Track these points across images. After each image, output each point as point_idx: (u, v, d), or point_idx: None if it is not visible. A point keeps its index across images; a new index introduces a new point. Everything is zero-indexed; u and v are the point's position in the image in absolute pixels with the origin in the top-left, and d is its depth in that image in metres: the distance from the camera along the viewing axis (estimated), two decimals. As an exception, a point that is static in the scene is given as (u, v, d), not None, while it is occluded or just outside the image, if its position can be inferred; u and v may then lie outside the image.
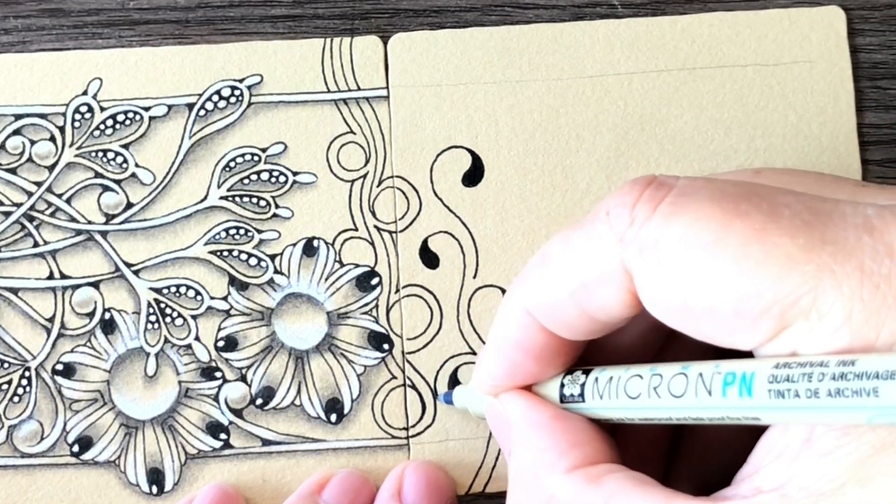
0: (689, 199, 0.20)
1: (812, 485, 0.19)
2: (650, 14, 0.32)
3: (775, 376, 0.19)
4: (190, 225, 0.31)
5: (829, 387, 0.18)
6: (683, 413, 0.21)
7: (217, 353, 0.31)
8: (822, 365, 0.18)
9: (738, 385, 0.20)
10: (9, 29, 0.32)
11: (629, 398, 0.22)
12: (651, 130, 0.32)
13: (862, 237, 0.19)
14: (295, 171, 0.32)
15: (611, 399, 0.23)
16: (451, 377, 0.31)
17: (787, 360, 0.19)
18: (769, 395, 0.19)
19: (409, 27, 0.32)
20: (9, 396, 0.31)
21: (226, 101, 0.32)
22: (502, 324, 0.25)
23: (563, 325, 0.24)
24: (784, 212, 0.20)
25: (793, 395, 0.18)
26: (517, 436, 0.24)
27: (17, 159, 0.32)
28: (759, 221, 0.19)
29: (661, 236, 0.20)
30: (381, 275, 0.31)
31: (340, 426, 0.31)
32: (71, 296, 0.31)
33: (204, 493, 0.30)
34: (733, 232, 0.19)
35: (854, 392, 0.17)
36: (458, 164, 0.32)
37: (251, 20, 0.32)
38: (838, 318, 0.18)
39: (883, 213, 0.19)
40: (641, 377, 0.22)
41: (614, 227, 0.22)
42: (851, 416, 0.18)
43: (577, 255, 0.23)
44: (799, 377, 0.18)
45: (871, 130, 0.32)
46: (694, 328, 0.21)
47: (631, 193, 0.22)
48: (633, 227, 0.21)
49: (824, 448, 0.19)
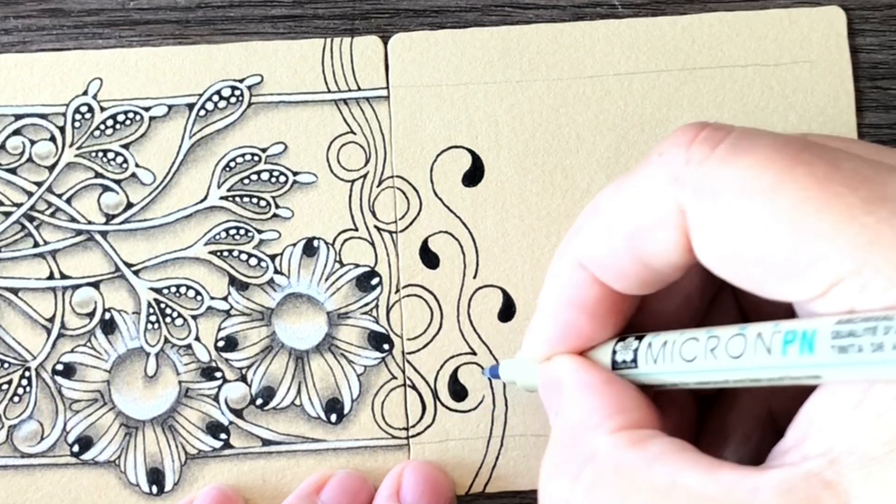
0: (750, 144, 0.20)
1: (862, 448, 0.18)
2: (650, 14, 0.32)
3: (838, 332, 0.18)
4: (190, 225, 0.31)
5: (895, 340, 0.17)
6: (741, 374, 0.21)
7: (217, 353, 0.31)
8: (887, 318, 0.18)
9: (798, 343, 0.19)
10: (9, 29, 0.32)
11: (685, 361, 0.22)
12: (651, 130, 0.32)
13: None
14: (295, 171, 0.32)
15: (665, 363, 0.23)
16: (451, 377, 0.31)
17: (850, 316, 0.18)
18: (832, 350, 0.18)
19: (409, 27, 0.32)
20: (9, 396, 0.31)
21: (226, 101, 0.32)
22: (554, 281, 0.24)
23: (618, 276, 0.23)
24: (846, 165, 0.19)
25: (856, 350, 0.18)
26: (566, 396, 0.24)
27: (18, 159, 0.32)
28: (822, 170, 0.19)
29: (718, 177, 0.20)
30: (381, 275, 0.31)
31: (340, 426, 0.31)
32: (71, 296, 0.31)
33: (204, 494, 0.30)
34: (794, 178, 0.19)
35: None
36: (458, 164, 0.32)
37: (251, 20, 0.32)
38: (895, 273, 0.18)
39: None
40: (697, 339, 0.22)
41: (669, 167, 0.21)
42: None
43: (631, 199, 0.22)
44: (862, 332, 0.18)
45: (871, 130, 0.32)
46: (743, 275, 0.20)
47: (686, 134, 0.21)
48: (689, 165, 0.21)
49: (875, 411, 0.18)
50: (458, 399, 0.31)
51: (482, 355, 0.31)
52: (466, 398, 0.31)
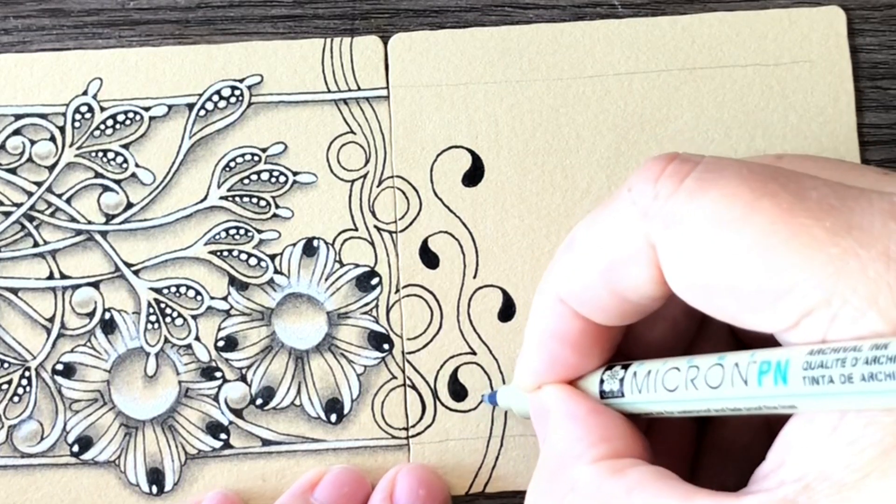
0: (716, 176, 0.20)
1: (835, 475, 0.18)
2: (650, 14, 0.32)
3: (809, 363, 0.19)
4: (190, 225, 0.31)
5: (863, 371, 0.18)
6: (721, 404, 0.21)
7: (217, 353, 0.31)
8: (855, 349, 0.18)
9: (773, 373, 0.19)
10: (9, 29, 0.32)
11: (667, 391, 0.22)
12: (651, 130, 0.32)
13: (888, 223, 0.19)
14: (295, 171, 0.32)
15: (649, 392, 0.23)
16: (451, 377, 0.31)
17: (821, 347, 0.19)
18: (804, 381, 0.19)
19: (409, 27, 0.32)
20: (9, 396, 0.31)
21: (226, 101, 0.32)
22: (538, 316, 0.25)
23: (597, 309, 0.23)
24: (811, 194, 0.19)
25: (827, 381, 0.18)
26: (552, 425, 0.24)
27: (17, 159, 0.32)
28: (787, 202, 0.19)
29: (686, 211, 0.20)
30: (381, 275, 0.31)
31: (340, 426, 0.31)
32: (71, 296, 0.31)
33: (208, 500, 0.30)
34: (760, 210, 0.19)
35: (887, 375, 0.17)
36: (458, 164, 0.32)
37: (251, 20, 0.32)
38: (865, 302, 0.18)
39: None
40: (679, 369, 0.22)
41: (638, 202, 0.21)
42: (886, 399, 0.18)
43: (603, 234, 0.22)
44: (833, 363, 0.18)
45: (871, 130, 0.32)
46: (716, 306, 0.21)
47: (654, 168, 0.21)
48: (657, 200, 0.21)
49: (849, 438, 0.18)
50: (458, 399, 0.31)
51: (482, 355, 0.31)
52: (466, 398, 0.31)
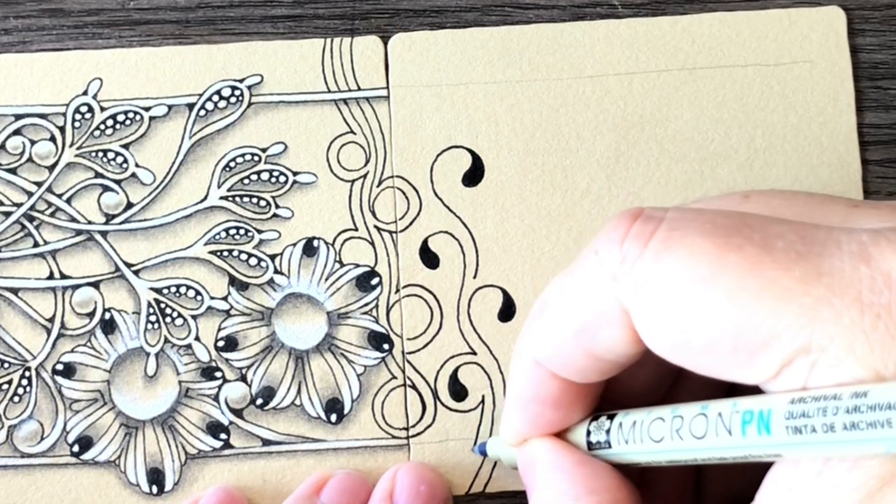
0: (681, 234, 0.20)
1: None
2: (650, 14, 0.32)
3: (791, 412, 0.19)
4: (190, 225, 0.31)
5: (845, 420, 0.18)
6: (707, 454, 0.21)
7: (217, 353, 0.31)
8: (835, 398, 0.18)
9: (755, 423, 0.19)
10: (9, 29, 0.32)
11: (654, 441, 0.22)
12: (651, 130, 0.32)
13: (858, 267, 0.18)
14: (295, 171, 0.32)
15: (636, 443, 0.23)
16: (451, 377, 0.31)
17: (802, 395, 0.19)
18: (787, 431, 0.19)
19: (409, 27, 0.32)
20: (9, 396, 0.31)
21: (226, 101, 0.32)
22: (515, 379, 0.25)
23: (574, 370, 0.23)
24: (777, 243, 0.19)
25: (809, 431, 0.18)
26: (539, 478, 0.24)
27: (18, 159, 0.32)
28: (753, 254, 0.19)
29: (654, 272, 0.20)
30: (381, 275, 0.31)
31: (340, 426, 0.31)
32: (71, 296, 0.31)
33: (209, 494, 0.30)
34: (728, 266, 0.19)
35: (869, 424, 0.17)
36: (458, 164, 0.32)
37: (251, 20, 0.32)
38: (841, 350, 0.18)
39: (878, 240, 0.19)
40: (663, 419, 0.22)
41: (605, 266, 0.21)
42: (869, 447, 0.18)
43: (573, 298, 0.22)
44: (814, 412, 0.18)
45: (871, 130, 0.32)
46: (695, 364, 0.21)
47: (618, 229, 0.21)
48: (624, 264, 0.21)
49: (833, 482, 0.18)
50: (459, 399, 0.31)
51: (482, 355, 0.31)
52: (466, 398, 0.31)
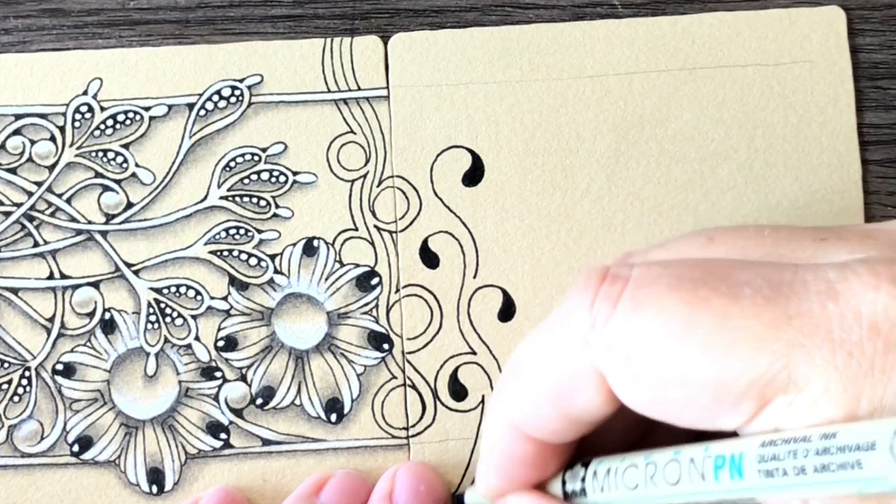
0: (648, 292, 0.20)
1: None
2: (650, 14, 0.32)
3: (762, 455, 0.19)
4: (190, 225, 0.31)
5: (815, 462, 0.18)
6: (682, 498, 0.21)
7: (217, 352, 0.31)
8: (805, 440, 0.18)
9: (727, 468, 0.20)
10: (9, 29, 0.32)
11: (628, 489, 0.22)
12: (651, 130, 0.32)
13: (826, 305, 0.18)
14: (295, 170, 0.32)
15: (611, 491, 0.23)
16: (451, 377, 0.31)
17: (773, 438, 0.19)
18: (759, 474, 0.19)
19: (409, 27, 0.32)
20: (9, 396, 0.31)
21: (226, 100, 0.32)
22: (490, 440, 0.25)
23: (549, 432, 0.24)
24: (744, 291, 0.19)
25: (781, 474, 0.18)
26: None
27: (18, 159, 0.32)
28: (721, 306, 0.19)
29: (625, 333, 0.20)
30: (381, 275, 0.31)
31: (340, 426, 0.31)
32: (71, 296, 0.31)
33: (209, 495, 0.30)
34: (697, 320, 0.19)
35: (839, 466, 0.17)
36: (458, 164, 0.32)
37: (251, 20, 0.32)
38: (816, 390, 0.18)
39: (845, 275, 0.19)
40: (637, 466, 0.22)
41: (577, 330, 0.21)
42: (841, 488, 0.18)
43: (547, 362, 0.22)
44: (785, 455, 0.18)
45: (871, 130, 0.32)
46: (675, 418, 0.21)
47: (586, 292, 0.21)
48: (595, 327, 0.21)
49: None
50: (459, 399, 0.31)
51: (482, 355, 0.31)
52: (466, 398, 0.31)
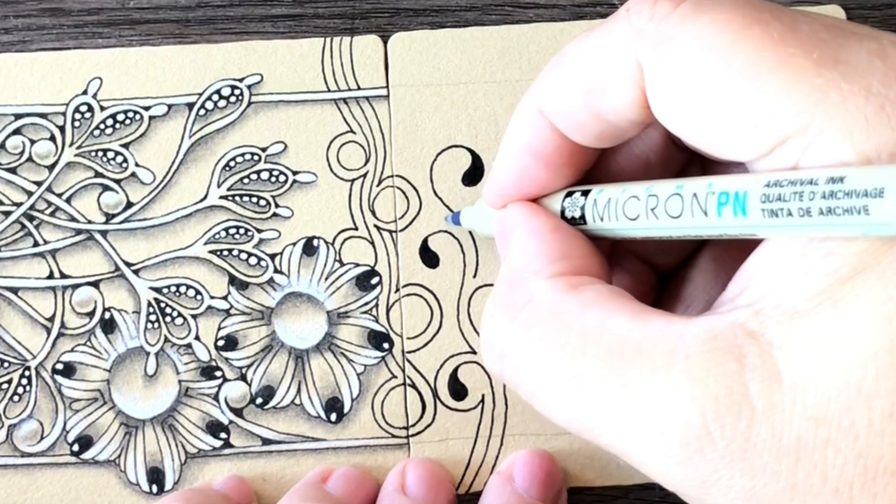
0: (712, 2, 0.20)
1: (787, 303, 0.18)
2: (650, 13, 0.32)
3: (767, 195, 0.19)
4: (190, 224, 0.31)
5: (821, 205, 0.17)
6: (683, 231, 0.21)
7: (217, 352, 0.31)
8: (812, 183, 0.18)
9: (731, 205, 0.19)
10: (9, 28, 0.32)
11: (628, 220, 0.22)
12: (651, 130, 0.32)
13: (874, 61, 0.18)
14: (295, 170, 0.32)
15: (611, 221, 0.23)
16: (451, 376, 0.31)
17: (778, 178, 0.19)
18: (763, 214, 0.19)
19: (409, 27, 0.32)
20: (9, 396, 0.31)
21: (226, 100, 0.32)
22: (514, 127, 0.25)
23: (575, 126, 0.23)
24: (803, 27, 0.19)
25: (786, 214, 0.18)
26: (514, 241, 0.24)
27: (17, 159, 0.32)
28: (778, 31, 0.19)
29: (677, 33, 0.20)
30: (381, 274, 0.31)
31: (340, 425, 0.31)
32: (71, 295, 0.31)
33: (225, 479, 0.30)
34: (750, 37, 0.19)
35: (845, 210, 0.17)
36: (458, 163, 0.32)
37: (251, 20, 0.32)
38: (839, 134, 0.18)
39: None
40: (638, 198, 0.22)
41: (633, 23, 0.21)
42: (846, 231, 0.18)
43: (593, 51, 0.22)
44: (790, 196, 0.18)
45: (870, 130, 0.32)
46: (695, 132, 0.21)
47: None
48: (652, 21, 0.21)
49: (805, 268, 0.18)
50: (458, 398, 0.31)
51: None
52: (466, 397, 0.31)
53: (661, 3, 0.21)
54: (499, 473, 0.30)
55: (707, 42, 0.20)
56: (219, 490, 0.30)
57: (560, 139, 0.24)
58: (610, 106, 0.22)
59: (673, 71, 0.20)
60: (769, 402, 0.18)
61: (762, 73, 0.19)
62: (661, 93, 0.21)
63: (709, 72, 0.20)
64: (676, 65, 0.20)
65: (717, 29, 0.20)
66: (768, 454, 0.18)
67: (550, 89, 0.24)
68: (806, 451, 0.18)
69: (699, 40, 0.20)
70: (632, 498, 0.31)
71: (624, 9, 0.22)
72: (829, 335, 0.18)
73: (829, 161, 0.18)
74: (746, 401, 0.18)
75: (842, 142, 0.18)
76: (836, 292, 0.18)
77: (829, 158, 0.18)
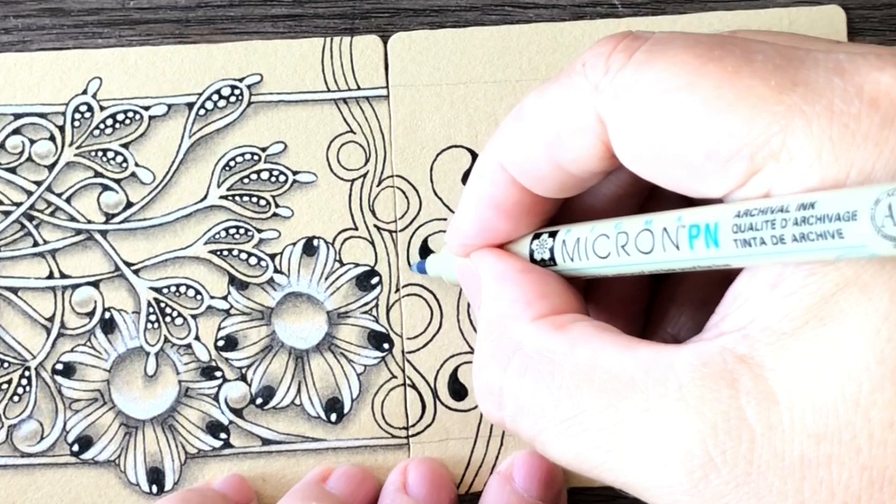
0: (665, 47, 0.20)
1: (774, 324, 0.19)
2: (650, 13, 0.32)
3: (739, 225, 0.19)
4: (190, 224, 0.31)
5: (794, 232, 0.18)
6: (655, 266, 0.21)
7: (217, 352, 0.31)
8: (783, 210, 0.18)
9: (703, 237, 0.19)
10: (9, 28, 0.32)
11: (599, 258, 0.22)
12: (651, 130, 0.32)
13: (832, 79, 0.19)
14: (295, 170, 0.32)
15: (581, 260, 0.23)
16: (451, 376, 0.31)
17: (748, 207, 0.19)
18: (735, 244, 0.19)
19: (409, 26, 0.32)
20: (9, 396, 0.31)
21: (226, 100, 0.32)
22: (475, 180, 0.25)
23: (536, 179, 0.24)
24: (757, 57, 0.20)
25: (759, 243, 0.18)
26: (486, 288, 0.24)
27: (17, 159, 0.32)
28: (733, 65, 0.19)
29: (636, 83, 0.20)
30: (381, 274, 0.31)
31: (340, 426, 0.31)
32: (71, 295, 0.31)
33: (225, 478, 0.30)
34: (706, 75, 0.19)
35: (819, 235, 0.17)
36: (458, 163, 0.32)
37: (251, 19, 0.32)
38: (808, 157, 0.18)
39: (854, 58, 0.19)
40: (608, 237, 0.22)
41: (590, 77, 0.21)
42: (820, 255, 0.18)
43: (552, 106, 0.22)
44: (762, 224, 0.18)
45: (870, 130, 0.32)
46: (666, 175, 0.21)
47: (607, 45, 0.22)
48: (608, 75, 0.21)
49: (788, 289, 0.19)
50: (458, 398, 0.31)
51: (482, 355, 0.31)
52: (466, 397, 0.31)
53: (615, 56, 0.21)
54: (499, 473, 0.30)
55: (665, 86, 0.20)
56: (218, 490, 0.30)
57: (521, 192, 0.24)
58: (571, 158, 0.22)
59: (636, 119, 0.20)
60: (767, 424, 0.18)
61: (723, 109, 0.19)
62: (627, 142, 0.21)
63: (671, 115, 0.20)
64: (639, 113, 0.20)
65: (673, 72, 0.20)
66: (773, 475, 0.18)
67: (510, 142, 0.24)
68: (810, 468, 0.18)
69: (658, 85, 0.20)
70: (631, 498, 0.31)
71: (580, 63, 0.22)
72: (819, 352, 0.18)
73: (799, 187, 0.18)
74: (744, 424, 0.18)
75: (810, 166, 0.18)
76: (822, 310, 0.18)
77: (800, 184, 0.18)
